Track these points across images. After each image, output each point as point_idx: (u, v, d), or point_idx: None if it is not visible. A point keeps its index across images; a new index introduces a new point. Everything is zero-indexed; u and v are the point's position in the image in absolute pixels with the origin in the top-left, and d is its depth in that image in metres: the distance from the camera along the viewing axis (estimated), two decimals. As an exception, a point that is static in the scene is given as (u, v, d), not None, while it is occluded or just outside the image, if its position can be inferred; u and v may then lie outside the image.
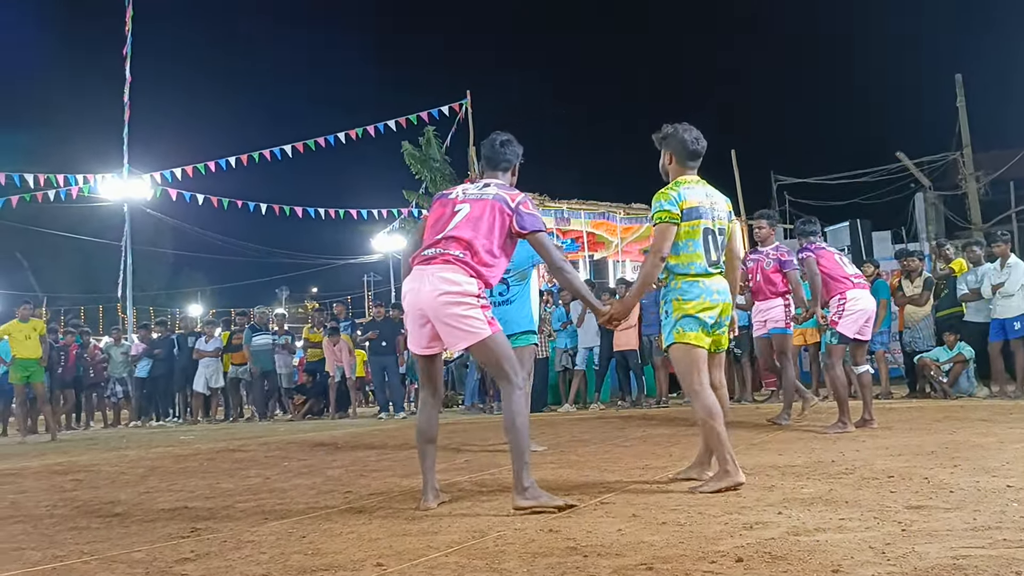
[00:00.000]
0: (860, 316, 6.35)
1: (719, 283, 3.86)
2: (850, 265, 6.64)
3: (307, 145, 19.34)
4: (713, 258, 3.84)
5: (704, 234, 3.82)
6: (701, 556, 2.40)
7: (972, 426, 5.87)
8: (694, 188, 3.88)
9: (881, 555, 2.30)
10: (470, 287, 3.42)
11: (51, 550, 3.01)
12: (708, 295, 3.80)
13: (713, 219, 3.86)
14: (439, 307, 3.42)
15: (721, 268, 3.91)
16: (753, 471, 4.14)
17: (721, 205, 3.96)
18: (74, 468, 6.19)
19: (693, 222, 3.80)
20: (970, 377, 9.32)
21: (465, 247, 3.48)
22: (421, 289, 3.46)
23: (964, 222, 21.38)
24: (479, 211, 3.56)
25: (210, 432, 10.95)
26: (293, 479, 4.87)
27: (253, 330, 13.62)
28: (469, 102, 17.40)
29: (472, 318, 3.42)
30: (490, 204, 3.58)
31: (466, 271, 3.44)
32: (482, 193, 3.65)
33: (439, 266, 3.46)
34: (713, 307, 3.81)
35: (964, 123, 20.73)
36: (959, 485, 3.38)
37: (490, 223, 3.53)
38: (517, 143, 3.96)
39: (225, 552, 2.82)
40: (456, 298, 3.41)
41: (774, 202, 24.36)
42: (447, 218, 3.60)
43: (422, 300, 3.45)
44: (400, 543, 2.80)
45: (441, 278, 3.42)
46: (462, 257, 3.45)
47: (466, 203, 3.61)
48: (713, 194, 3.96)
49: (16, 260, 39.14)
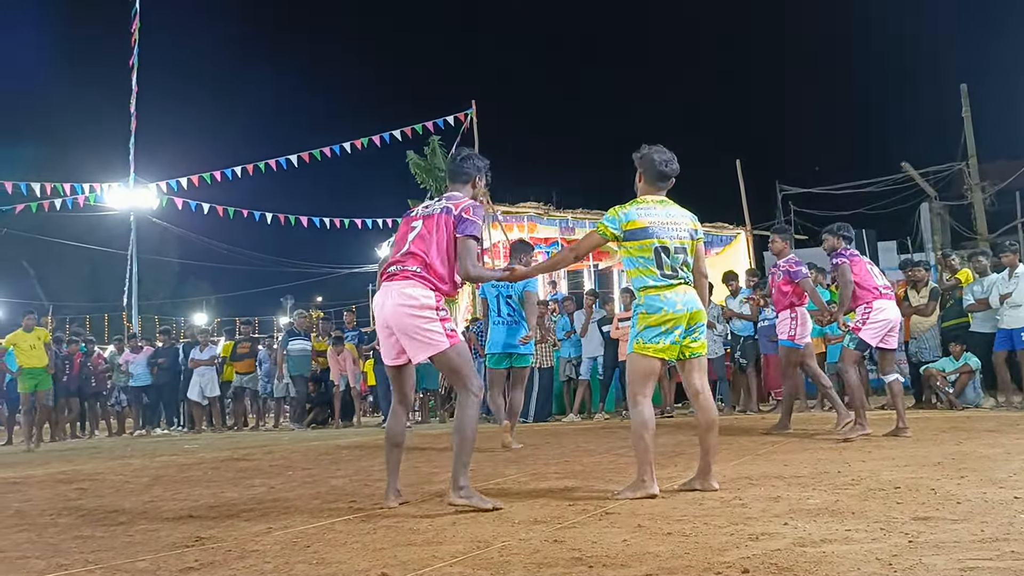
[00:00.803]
0: (884, 326, 6.42)
1: (681, 293, 3.98)
2: (880, 276, 6.67)
3: (313, 155, 19.40)
4: (667, 271, 3.97)
5: (656, 251, 3.98)
6: (706, 567, 2.39)
7: (979, 437, 5.85)
8: (649, 208, 4.06)
9: (888, 567, 2.29)
10: (428, 300, 3.74)
11: (55, 559, 3.01)
12: (671, 307, 3.93)
13: (670, 237, 4.00)
14: (400, 320, 3.75)
15: (682, 279, 4.01)
16: (758, 481, 4.13)
17: (683, 224, 4.09)
18: (79, 477, 6.19)
19: (642, 241, 3.99)
20: (976, 388, 9.28)
21: (421, 262, 3.80)
22: (385, 303, 3.80)
23: (970, 232, 21.34)
24: (429, 226, 3.88)
25: (214, 441, 10.95)
26: (297, 488, 4.87)
27: (291, 335, 13.47)
28: (474, 112, 17.43)
29: (432, 331, 3.73)
30: (436, 218, 3.88)
31: (424, 284, 3.76)
32: (432, 208, 3.97)
33: (400, 282, 3.78)
34: (678, 318, 3.94)
35: (970, 133, 20.70)
36: (966, 496, 3.37)
37: (439, 236, 3.83)
38: (479, 158, 4.25)
39: (229, 561, 2.82)
40: (416, 311, 3.73)
41: (779, 212, 24.36)
42: (404, 235, 3.94)
43: (386, 314, 3.79)
44: (404, 553, 2.80)
45: (402, 293, 3.75)
46: (419, 272, 3.78)
47: (419, 220, 3.95)
48: (675, 214, 4.10)
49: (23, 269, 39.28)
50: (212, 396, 13.68)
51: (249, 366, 14.01)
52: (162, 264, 40.16)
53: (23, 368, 11.49)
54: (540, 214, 15.14)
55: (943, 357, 9.49)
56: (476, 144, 16.29)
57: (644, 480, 3.80)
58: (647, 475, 3.80)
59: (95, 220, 30.39)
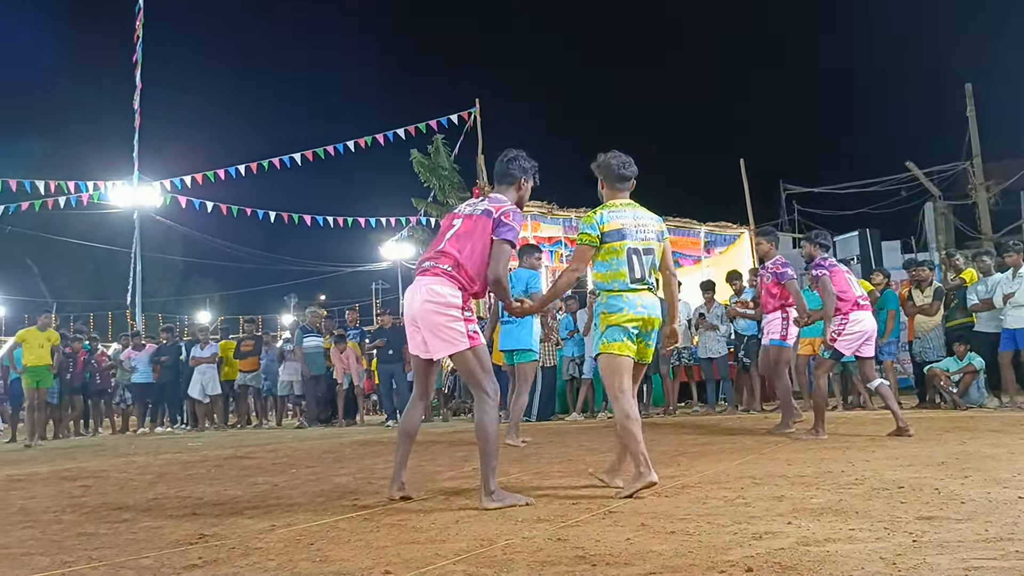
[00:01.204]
0: (859, 337, 6.62)
1: (644, 298, 4.09)
2: (858, 286, 6.80)
3: (316, 153, 19.42)
4: (637, 275, 4.07)
5: (628, 253, 4.07)
6: (710, 566, 2.38)
7: (983, 437, 5.84)
8: (619, 211, 4.17)
9: (892, 566, 2.29)
10: (454, 299, 3.77)
11: (60, 555, 3.02)
12: (632, 308, 4.04)
13: (639, 239, 4.11)
14: (425, 315, 3.79)
15: (648, 284, 4.12)
16: (762, 481, 4.13)
17: (651, 226, 4.20)
18: (83, 474, 6.20)
19: (616, 243, 4.08)
20: (981, 388, 9.26)
21: (453, 261, 3.82)
22: (414, 298, 3.85)
23: (974, 232, 21.27)
24: (469, 226, 3.91)
25: (217, 439, 10.96)
26: (301, 486, 4.87)
27: (304, 332, 13.37)
28: (478, 110, 17.42)
29: (454, 330, 3.77)
30: (477, 219, 3.92)
31: (453, 283, 3.79)
32: (475, 208, 4.01)
33: (430, 278, 3.82)
34: (637, 319, 4.06)
35: (974, 132, 20.64)
36: (970, 496, 3.36)
37: (477, 237, 3.86)
38: (526, 159, 4.22)
39: (233, 559, 2.82)
40: (440, 308, 3.76)
41: (783, 211, 24.32)
42: (444, 232, 3.98)
43: (414, 308, 3.84)
44: (408, 551, 2.80)
45: (430, 289, 3.78)
46: (450, 271, 3.80)
47: (460, 218, 3.99)
48: (642, 216, 4.21)
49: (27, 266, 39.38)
50: (214, 394, 13.68)
51: (253, 364, 14.02)
52: (166, 262, 40.28)
53: (27, 366, 11.64)
54: (544, 213, 15.11)
55: (947, 357, 9.47)
56: (479, 143, 16.28)
57: (641, 471, 3.83)
58: (642, 465, 3.83)
59: (99, 218, 30.46)
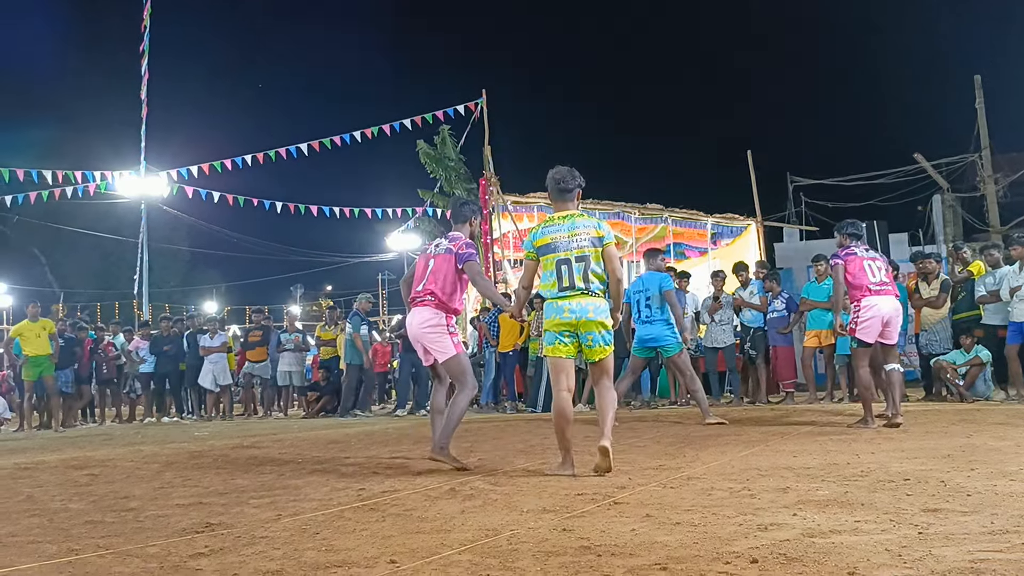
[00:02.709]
0: (875, 321, 6.53)
1: (573, 303, 4.50)
2: (879, 272, 6.67)
3: (323, 144, 19.41)
4: (565, 283, 4.52)
5: (556, 264, 4.55)
6: (716, 557, 2.39)
7: (989, 430, 5.83)
8: (554, 225, 4.65)
9: (897, 558, 2.29)
10: (441, 321, 5.09)
11: (67, 543, 3.03)
12: (559, 314, 4.53)
13: (570, 249, 4.54)
14: (422, 334, 5.13)
15: (580, 289, 4.50)
16: (767, 472, 4.13)
17: (586, 234, 4.58)
18: (90, 463, 6.23)
19: (547, 256, 4.61)
20: (987, 380, 9.24)
21: (434, 294, 5.10)
22: (412, 322, 5.18)
23: (982, 224, 21.17)
24: (439, 264, 5.15)
25: (224, 429, 11.00)
26: (306, 476, 4.89)
27: (361, 319, 13.10)
28: (485, 101, 17.37)
29: (444, 343, 5.09)
30: (444, 257, 5.16)
31: (439, 309, 5.10)
32: (439, 248, 5.23)
33: (423, 308, 5.13)
34: (565, 324, 4.52)
35: (983, 124, 20.52)
36: (976, 489, 3.36)
37: (445, 271, 5.11)
38: (474, 203, 5.90)
39: (239, 548, 2.83)
40: (431, 329, 5.09)
41: (790, 203, 24.24)
42: (423, 269, 5.20)
43: (413, 329, 5.19)
44: (413, 540, 2.80)
45: (422, 316, 5.12)
46: (433, 300, 5.10)
47: (433, 258, 5.20)
48: (579, 226, 4.61)
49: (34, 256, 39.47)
50: (224, 384, 13.72)
51: (261, 354, 14.04)
52: (172, 252, 40.32)
53: (28, 357, 11.83)
54: (550, 204, 15.11)
55: (954, 349, 9.45)
56: (486, 134, 16.23)
57: (563, 462, 4.50)
58: (566, 455, 4.50)
59: (106, 208, 30.55)
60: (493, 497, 3.73)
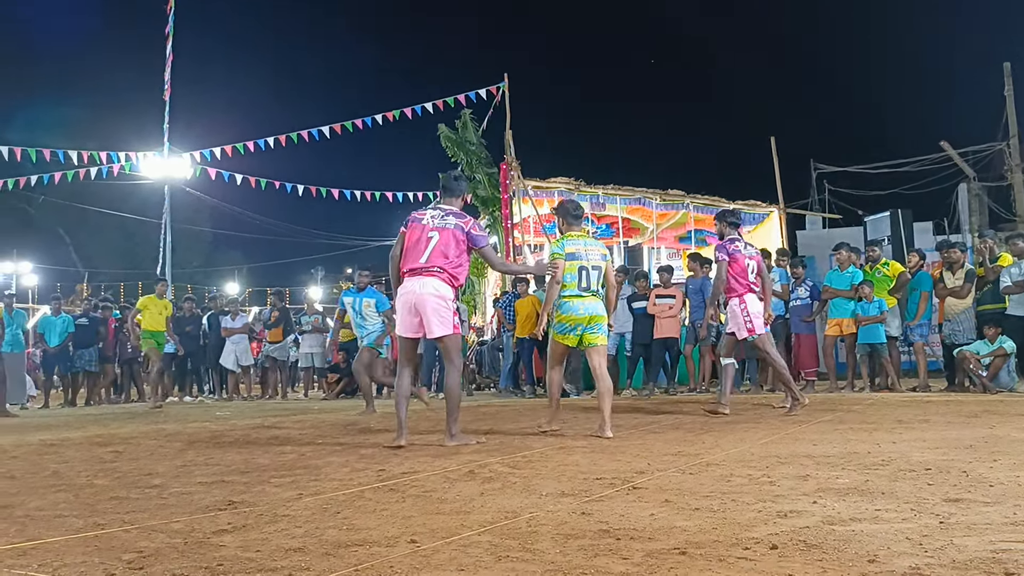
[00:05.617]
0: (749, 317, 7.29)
1: (587, 303, 5.75)
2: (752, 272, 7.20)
3: (344, 127, 19.45)
4: (584, 285, 5.75)
5: (579, 270, 5.76)
6: (735, 542, 2.39)
7: (1012, 421, 5.78)
8: (576, 241, 5.91)
9: (918, 546, 2.28)
10: (449, 294, 5.22)
11: (92, 518, 3.08)
12: (575, 311, 5.74)
13: (587, 260, 5.80)
14: (431, 300, 5.16)
15: (593, 291, 5.78)
16: (787, 460, 4.12)
17: (597, 252, 5.92)
18: (114, 440, 6.31)
19: (573, 262, 5.77)
20: (1011, 371, 9.15)
21: (443, 266, 5.20)
22: (420, 289, 5.18)
23: (1008, 214, 20.93)
24: (446, 239, 5.23)
25: (245, 409, 11.11)
26: (327, 456, 4.93)
27: None
28: (506, 86, 17.32)
29: (448, 316, 5.20)
30: (451, 232, 5.26)
31: (447, 282, 5.21)
32: (445, 223, 5.28)
33: (431, 278, 5.18)
34: (580, 319, 5.73)
35: (1011, 112, 20.26)
36: (998, 479, 3.33)
37: (454, 247, 5.24)
38: (465, 179, 6.07)
39: (261, 525, 2.86)
40: (440, 299, 5.17)
41: (813, 190, 24.05)
42: (424, 242, 5.23)
43: (417, 297, 5.18)
44: (433, 521, 2.82)
45: (433, 284, 5.17)
46: (442, 273, 5.19)
47: (435, 231, 5.24)
48: (589, 244, 5.97)
49: (59, 236, 39.88)
50: (246, 365, 13.84)
51: (278, 335, 14.14)
52: (195, 233, 40.65)
53: (146, 329, 12.24)
54: (571, 189, 15.05)
55: (978, 340, 9.36)
56: (508, 118, 16.18)
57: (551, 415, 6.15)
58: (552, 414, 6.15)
59: (130, 188, 30.80)
60: (512, 480, 3.74)
